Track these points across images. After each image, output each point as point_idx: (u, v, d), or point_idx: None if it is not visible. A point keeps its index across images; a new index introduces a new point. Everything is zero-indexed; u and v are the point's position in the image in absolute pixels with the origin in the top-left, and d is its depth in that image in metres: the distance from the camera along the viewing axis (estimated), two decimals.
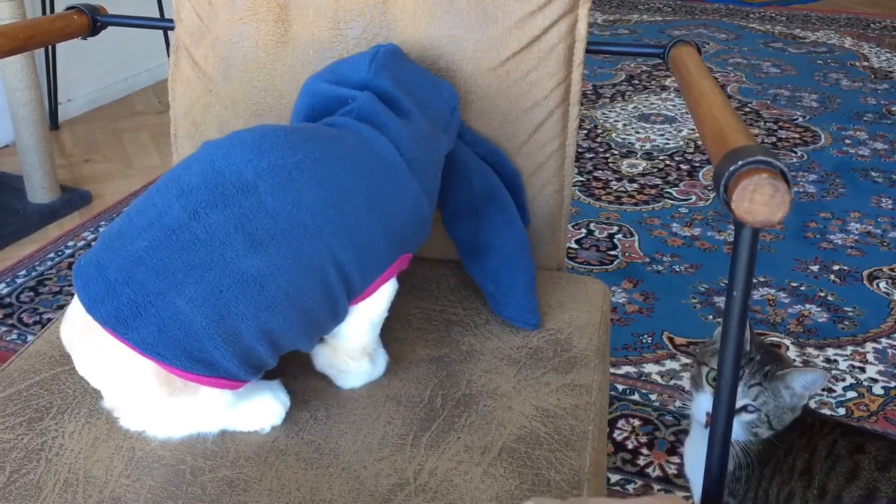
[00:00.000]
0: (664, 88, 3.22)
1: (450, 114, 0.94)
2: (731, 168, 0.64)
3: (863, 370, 1.62)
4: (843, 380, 1.59)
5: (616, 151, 2.65)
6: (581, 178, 2.46)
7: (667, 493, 1.33)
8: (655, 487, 1.34)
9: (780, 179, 0.62)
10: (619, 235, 2.14)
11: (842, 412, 1.50)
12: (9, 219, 2.23)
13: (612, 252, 2.06)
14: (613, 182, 2.44)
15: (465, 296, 1.02)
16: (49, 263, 2.05)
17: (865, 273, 1.96)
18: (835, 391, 1.56)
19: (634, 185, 2.42)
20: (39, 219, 2.26)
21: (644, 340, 1.71)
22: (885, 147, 2.67)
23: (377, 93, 0.87)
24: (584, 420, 0.83)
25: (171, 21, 1.16)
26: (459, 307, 1.00)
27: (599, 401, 0.87)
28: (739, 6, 4.47)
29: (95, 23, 1.22)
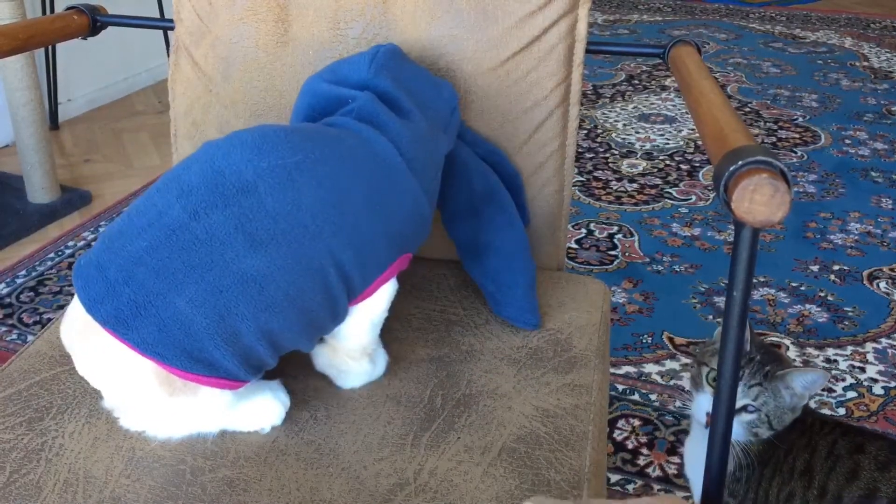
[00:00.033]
0: (664, 88, 3.22)
1: (450, 114, 0.94)
2: (731, 168, 0.64)
3: (863, 370, 1.62)
4: (843, 380, 1.59)
5: (616, 151, 2.65)
6: (581, 178, 2.46)
7: (667, 494, 1.33)
8: (655, 487, 1.34)
9: (780, 179, 0.62)
10: (619, 235, 2.14)
11: (842, 412, 1.50)
12: (9, 219, 2.23)
13: (612, 252, 2.06)
14: (613, 182, 2.44)
15: (465, 296, 1.02)
16: (49, 263, 2.05)
17: (865, 273, 1.96)
18: (835, 391, 1.56)
19: (634, 185, 2.42)
20: (39, 219, 2.26)
21: (644, 340, 1.71)
22: (885, 147, 2.67)
23: (377, 93, 0.87)
24: (584, 420, 0.83)
25: (171, 21, 1.16)
26: (459, 307, 1.00)
27: (599, 401, 0.87)
28: (739, 6, 4.47)
29: (95, 23, 1.22)
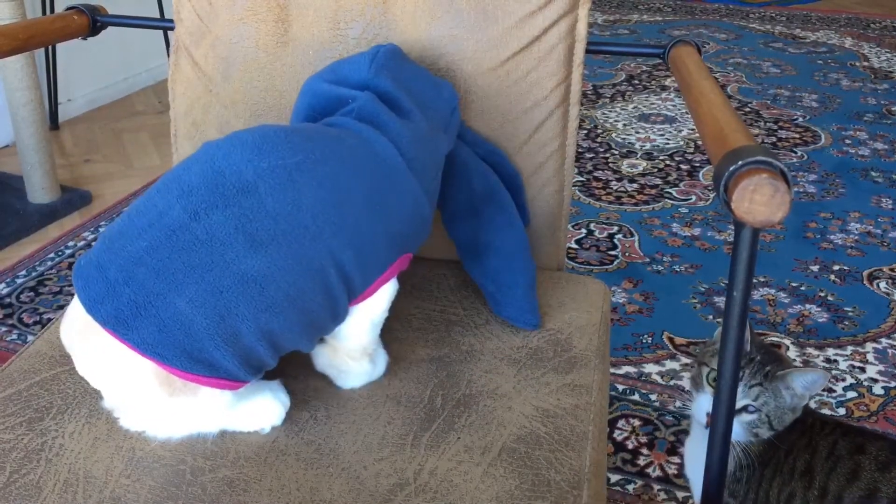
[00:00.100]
0: (664, 88, 3.22)
1: (450, 114, 0.94)
2: (731, 168, 0.64)
3: (863, 370, 1.62)
4: (844, 380, 1.59)
5: (616, 151, 2.65)
6: (581, 178, 2.46)
7: (668, 496, 1.33)
8: (655, 487, 1.34)
9: (780, 179, 0.62)
10: (620, 235, 2.14)
11: (842, 412, 1.50)
12: (9, 219, 2.23)
13: (612, 252, 2.06)
14: (613, 182, 2.44)
15: (465, 296, 1.02)
16: (49, 263, 2.05)
17: (865, 273, 1.96)
18: (835, 391, 1.56)
19: (634, 185, 2.42)
20: (39, 219, 2.26)
21: (644, 340, 1.71)
22: (885, 147, 2.67)
23: (377, 93, 0.87)
24: (584, 420, 0.83)
25: (171, 21, 1.16)
26: (459, 307, 1.00)
27: (599, 401, 0.87)
28: (739, 6, 4.47)
29: (95, 23, 1.22)
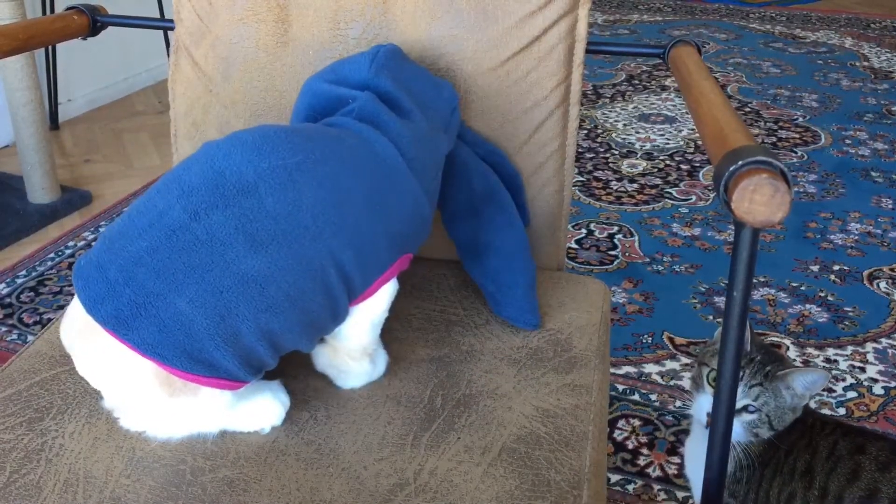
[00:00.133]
0: (664, 88, 3.22)
1: (450, 114, 0.94)
2: (731, 168, 0.64)
3: (863, 370, 1.61)
4: (844, 380, 1.59)
5: (616, 151, 2.65)
6: (581, 178, 2.46)
7: (668, 496, 1.33)
8: (655, 488, 1.34)
9: (781, 179, 0.62)
10: (620, 235, 2.14)
11: (842, 412, 1.50)
12: (9, 219, 2.23)
13: (613, 252, 2.06)
14: (613, 182, 2.44)
15: (465, 296, 1.02)
16: (49, 263, 2.05)
17: (865, 273, 1.96)
18: (835, 391, 1.56)
19: (634, 185, 2.42)
20: (39, 219, 2.26)
21: (644, 340, 1.71)
22: (886, 147, 2.67)
23: (378, 93, 0.87)
24: (584, 420, 0.83)
25: (171, 21, 1.16)
26: (459, 307, 1.00)
27: (599, 401, 0.87)
28: (739, 6, 4.47)
29: (95, 23, 1.22)
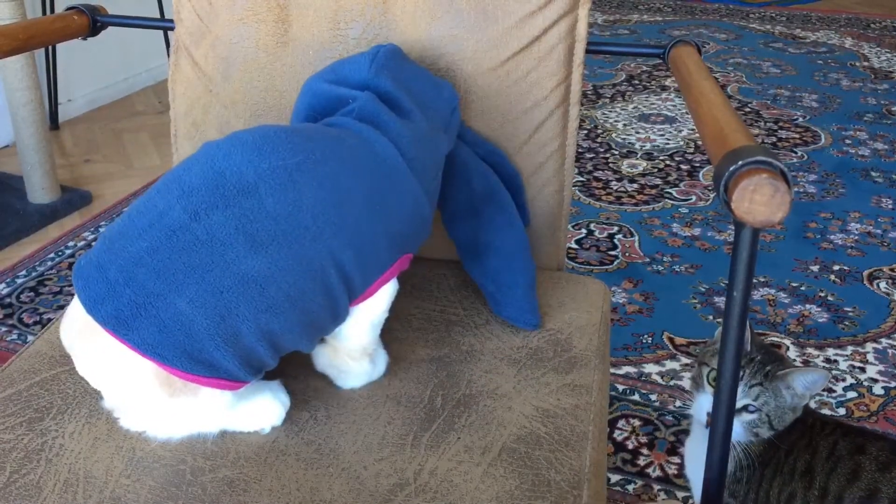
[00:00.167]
0: (664, 88, 3.22)
1: (450, 114, 0.94)
2: (731, 168, 0.64)
3: (863, 370, 1.61)
4: (844, 380, 1.59)
5: (616, 151, 2.65)
6: (581, 179, 2.46)
7: (668, 496, 1.33)
8: (655, 488, 1.34)
9: (781, 179, 0.62)
10: (620, 235, 2.14)
11: (842, 412, 1.50)
12: (9, 219, 2.23)
13: (613, 252, 2.06)
14: (613, 182, 2.44)
15: (465, 296, 1.02)
16: (49, 264, 2.05)
17: (865, 273, 1.96)
18: (835, 391, 1.56)
19: (634, 186, 2.42)
20: (40, 219, 2.26)
21: (644, 340, 1.71)
22: (886, 147, 2.67)
23: (378, 93, 0.87)
24: (584, 420, 0.83)
25: (171, 21, 1.16)
26: (459, 307, 1.00)
27: (599, 401, 0.87)
28: (739, 6, 4.47)
29: (95, 23, 1.22)
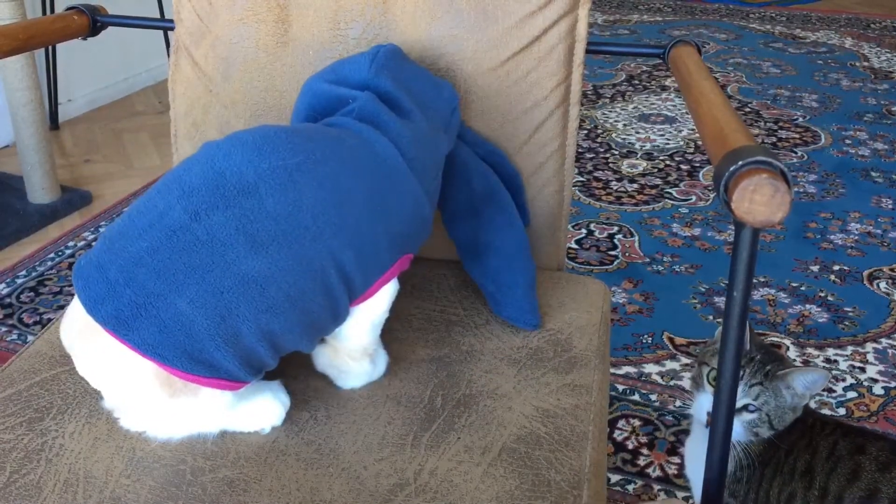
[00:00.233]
0: (664, 88, 3.22)
1: (450, 114, 0.94)
2: (732, 168, 0.64)
3: (863, 370, 1.62)
4: (844, 380, 1.59)
5: (616, 151, 2.65)
6: (581, 179, 2.46)
7: (668, 496, 1.33)
8: (655, 488, 1.34)
9: (781, 180, 0.62)
10: (620, 236, 2.14)
11: (842, 412, 1.50)
12: (9, 219, 2.23)
13: (613, 252, 2.06)
14: (614, 182, 2.44)
15: (465, 296, 1.02)
16: (49, 264, 2.05)
17: (865, 273, 1.96)
18: (835, 391, 1.56)
19: (634, 186, 2.42)
20: (40, 219, 2.26)
21: (644, 340, 1.71)
22: (886, 147, 2.67)
23: (378, 93, 0.87)
24: (585, 420, 0.83)
25: (171, 21, 1.16)
26: (459, 307, 1.00)
27: (599, 401, 0.87)
28: (739, 6, 4.47)
29: (95, 23, 1.22)
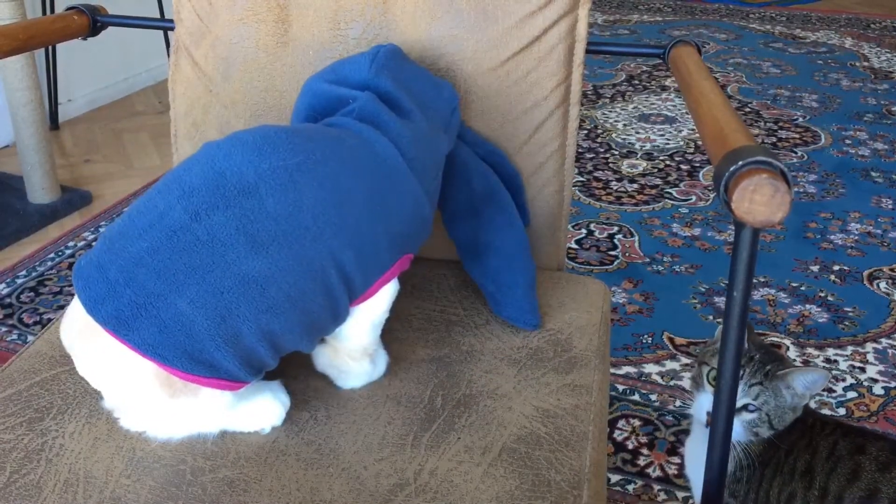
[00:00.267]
0: (664, 88, 3.22)
1: (450, 114, 0.94)
2: (732, 168, 0.64)
3: (863, 370, 1.62)
4: (844, 380, 1.59)
5: (616, 151, 2.65)
6: (581, 179, 2.46)
7: (668, 495, 1.33)
8: (656, 488, 1.34)
9: (781, 180, 0.62)
10: (620, 236, 2.14)
11: (842, 412, 1.50)
12: (9, 219, 2.23)
13: (613, 252, 2.06)
14: (614, 182, 2.44)
15: (465, 296, 1.02)
16: (49, 264, 2.05)
17: (865, 273, 1.96)
18: (835, 391, 1.56)
19: (635, 186, 2.42)
20: (40, 219, 2.26)
21: (644, 340, 1.71)
22: (886, 147, 2.67)
23: (378, 93, 0.87)
24: (585, 420, 0.83)
25: (171, 21, 1.16)
26: (459, 307, 1.00)
27: (599, 401, 0.87)
28: (739, 6, 4.47)
29: (95, 23, 1.22)
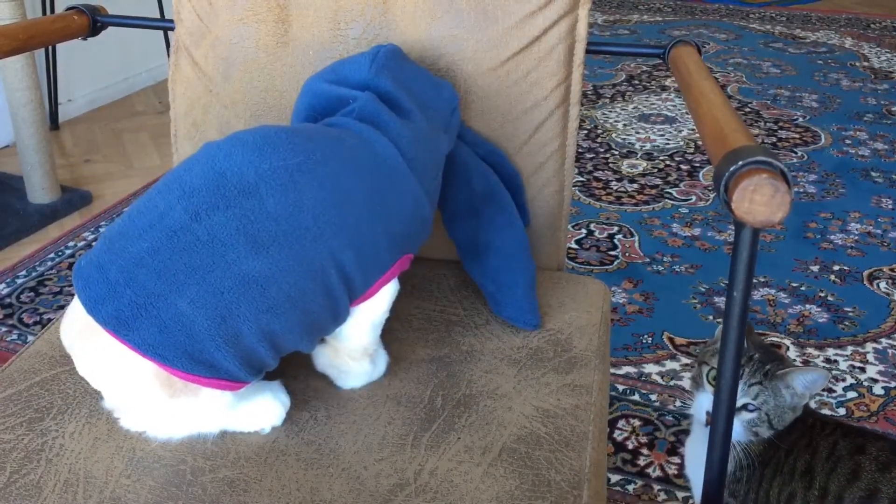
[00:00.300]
0: (664, 89, 3.22)
1: (450, 114, 0.94)
2: (732, 168, 0.64)
3: (863, 370, 1.62)
4: (844, 380, 1.59)
5: (616, 152, 2.65)
6: (581, 179, 2.46)
7: (668, 495, 1.33)
8: (656, 488, 1.34)
9: (781, 180, 0.62)
10: (620, 236, 2.14)
11: (842, 412, 1.50)
12: (9, 219, 2.23)
13: (613, 252, 2.06)
14: (614, 182, 2.44)
15: (465, 296, 1.02)
16: (49, 264, 2.05)
17: (865, 273, 1.96)
18: (835, 391, 1.56)
19: (635, 186, 2.42)
20: (40, 219, 2.26)
21: (644, 341, 1.71)
22: (886, 147, 2.67)
23: (378, 93, 0.87)
24: (585, 420, 0.83)
25: (171, 21, 1.16)
26: (459, 307, 1.00)
27: (599, 401, 0.87)
28: (739, 6, 4.47)
29: (95, 23, 1.22)
